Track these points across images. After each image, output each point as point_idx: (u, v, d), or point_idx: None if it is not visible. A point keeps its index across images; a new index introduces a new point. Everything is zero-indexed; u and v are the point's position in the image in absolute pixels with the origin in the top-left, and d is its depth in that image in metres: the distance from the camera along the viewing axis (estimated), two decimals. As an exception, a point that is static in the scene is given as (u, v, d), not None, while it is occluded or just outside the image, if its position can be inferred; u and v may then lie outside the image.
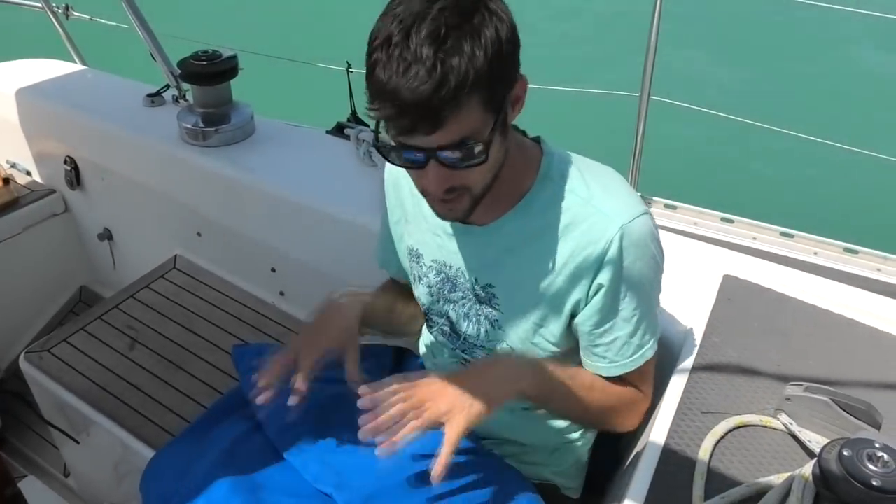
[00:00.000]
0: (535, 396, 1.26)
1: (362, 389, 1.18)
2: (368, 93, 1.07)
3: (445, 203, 1.17)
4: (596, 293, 1.24)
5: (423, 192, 1.19)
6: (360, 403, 1.17)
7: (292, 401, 1.29)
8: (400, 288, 1.61)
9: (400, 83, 1.00)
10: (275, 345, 2.09)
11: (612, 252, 1.19)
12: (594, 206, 1.21)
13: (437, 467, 1.13)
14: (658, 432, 1.22)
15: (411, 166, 1.13)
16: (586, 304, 1.26)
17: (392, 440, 1.14)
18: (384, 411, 1.16)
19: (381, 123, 1.10)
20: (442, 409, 1.16)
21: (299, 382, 1.29)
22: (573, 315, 1.28)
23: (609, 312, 1.25)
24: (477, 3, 1.04)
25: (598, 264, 1.21)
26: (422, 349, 1.61)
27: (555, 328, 1.29)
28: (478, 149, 1.07)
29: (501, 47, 1.04)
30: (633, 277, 1.23)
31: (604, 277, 1.21)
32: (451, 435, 1.14)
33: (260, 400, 1.30)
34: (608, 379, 1.33)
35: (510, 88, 1.11)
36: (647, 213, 1.23)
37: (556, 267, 1.24)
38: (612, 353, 1.28)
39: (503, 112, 1.10)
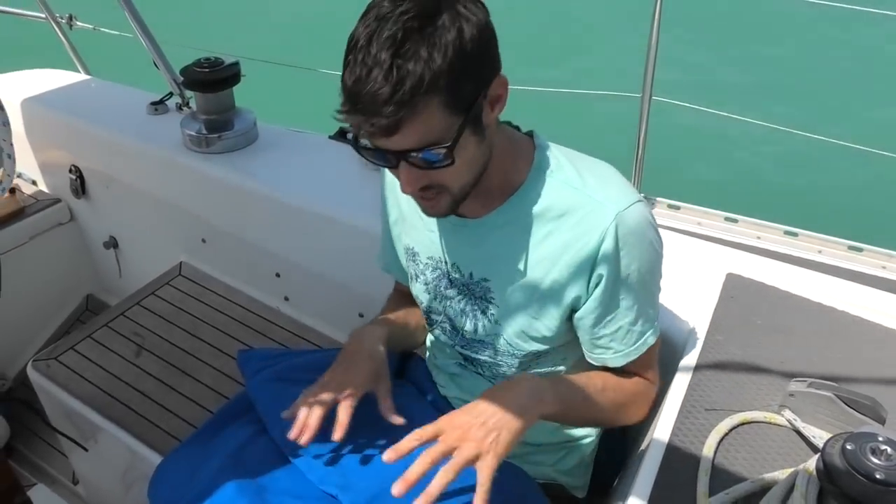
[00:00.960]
0: (556, 412, 1.22)
1: (387, 455, 1.12)
2: (341, 91, 1.09)
3: (426, 201, 1.20)
4: (597, 285, 1.24)
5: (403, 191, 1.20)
6: (386, 458, 1.12)
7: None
8: (404, 299, 1.62)
9: (359, 87, 1.03)
10: (280, 349, 2.11)
11: (609, 241, 1.20)
12: (588, 195, 1.22)
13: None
14: (662, 430, 1.22)
15: (385, 166, 1.17)
16: (587, 298, 1.26)
17: (428, 494, 1.08)
18: (413, 468, 1.10)
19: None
20: (471, 453, 1.10)
21: (339, 433, 1.27)
22: (573, 309, 1.29)
23: (611, 303, 1.26)
24: (441, 5, 1.05)
25: (595, 254, 1.21)
26: (425, 351, 1.61)
27: (552, 321, 1.30)
28: (441, 153, 1.08)
29: (465, 48, 1.04)
30: (632, 266, 1.23)
31: (602, 268, 1.22)
32: (484, 478, 1.09)
33: (303, 441, 1.27)
34: (615, 371, 1.34)
35: (483, 87, 1.11)
36: (641, 201, 1.24)
37: (552, 258, 1.25)
38: (615, 343, 1.29)
39: (474, 112, 1.11)
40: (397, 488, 1.09)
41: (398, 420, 1.30)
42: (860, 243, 2.31)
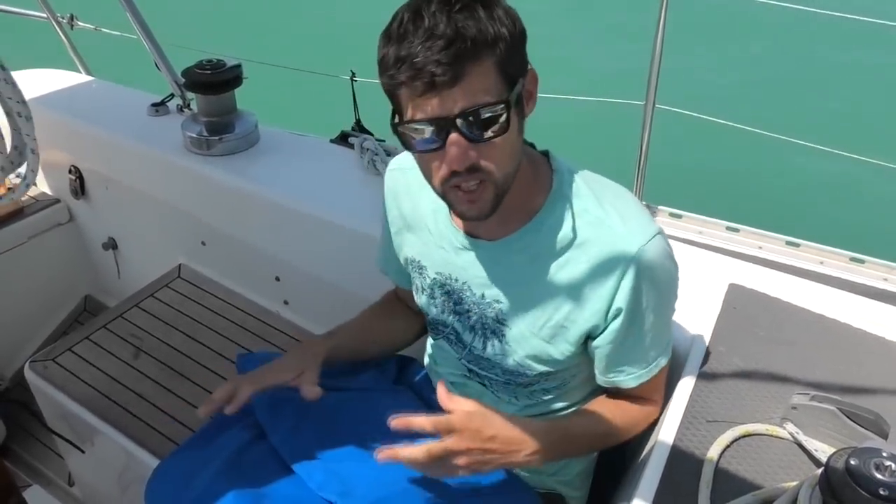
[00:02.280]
0: (561, 458, 1.33)
1: (394, 422, 1.15)
2: (384, 68, 1.08)
3: (468, 195, 1.14)
4: (616, 317, 1.23)
5: (444, 186, 1.14)
6: (393, 424, 1.15)
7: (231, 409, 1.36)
8: (387, 308, 1.64)
9: (415, 46, 1.02)
10: (278, 353, 2.10)
11: (630, 275, 1.19)
12: (609, 226, 1.20)
13: (389, 453, 1.15)
14: (664, 440, 1.22)
15: (431, 148, 1.10)
16: (605, 328, 1.25)
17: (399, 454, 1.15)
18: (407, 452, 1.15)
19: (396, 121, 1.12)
20: (455, 468, 1.15)
21: (231, 408, 1.35)
22: (589, 337, 1.28)
23: (628, 333, 1.25)
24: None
25: (616, 287, 1.20)
26: (426, 358, 1.61)
27: (566, 346, 1.28)
28: (499, 110, 1.06)
29: (516, 27, 1.08)
30: (652, 298, 1.22)
31: (622, 301, 1.21)
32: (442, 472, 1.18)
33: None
34: (622, 395, 1.34)
35: (522, 73, 1.12)
36: (660, 233, 1.22)
37: (569, 287, 1.23)
38: (629, 366, 1.29)
39: (518, 91, 1.10)
40: (382, 455, 1.15)
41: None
42: (862, 255, 2.31)
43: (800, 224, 2.85)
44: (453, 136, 1.07)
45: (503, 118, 1.07)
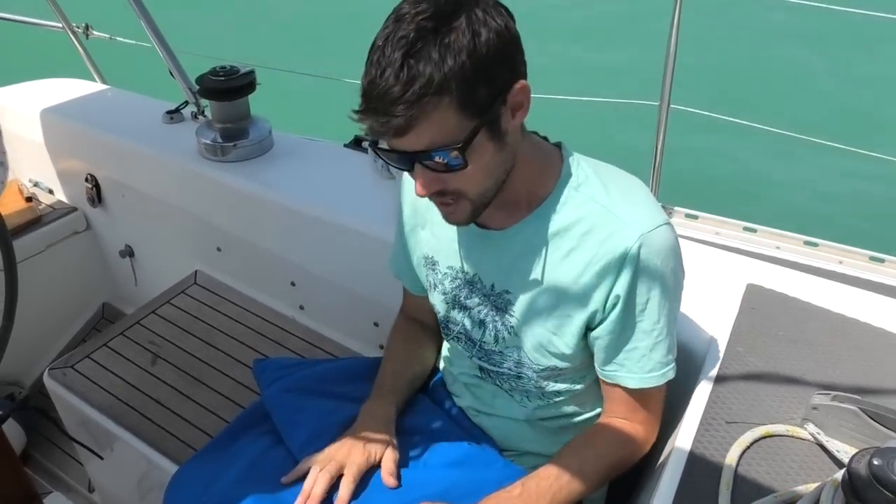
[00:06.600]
0: None
1: None
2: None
3: (445, 207, 1.19)
4: (614, 305, 1.22)
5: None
6: None
7: None
8: (409, 330, 1.61)
9: (372, 87, 1.04)
10: (295, 358, 2.10)
11: (630, 261, 1.18)
12: (614, 213, 1.20)
13: None
14: (682, 442, 1.21)
15: (400, 168, 1.16)
16: (604, 317, 1.24)
17: None
18: None
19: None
20: None
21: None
22: (588, 327, 1.27)
23: (627, 324, 1.24)
24: (458, 8, 1.04)
25: (616, 273, 1.19)
26: (441, 361, 1.60)
27: (570, 337, 1.28)
28: (453, 155, 1.08)
29: (479, 52, 1.03)
30: (653, 289, 1.21)
31: (621, 288, 1.20)
32: None
33: None
34: (607, 428, 1.33)
35: (500, 93, 1.09)
36: (668, 224, 1.21)
37: (573, 274, 1.23)
38: (630, 363, 1.26)
39: (490, 117, 1.09)
40: None
41: (392, 483, 1.30)
42: (881, 254, 2.29)
43: (818, 223, 2.82)
44: (417, 166, 1.11)
45: (457, 158, 1.08)
